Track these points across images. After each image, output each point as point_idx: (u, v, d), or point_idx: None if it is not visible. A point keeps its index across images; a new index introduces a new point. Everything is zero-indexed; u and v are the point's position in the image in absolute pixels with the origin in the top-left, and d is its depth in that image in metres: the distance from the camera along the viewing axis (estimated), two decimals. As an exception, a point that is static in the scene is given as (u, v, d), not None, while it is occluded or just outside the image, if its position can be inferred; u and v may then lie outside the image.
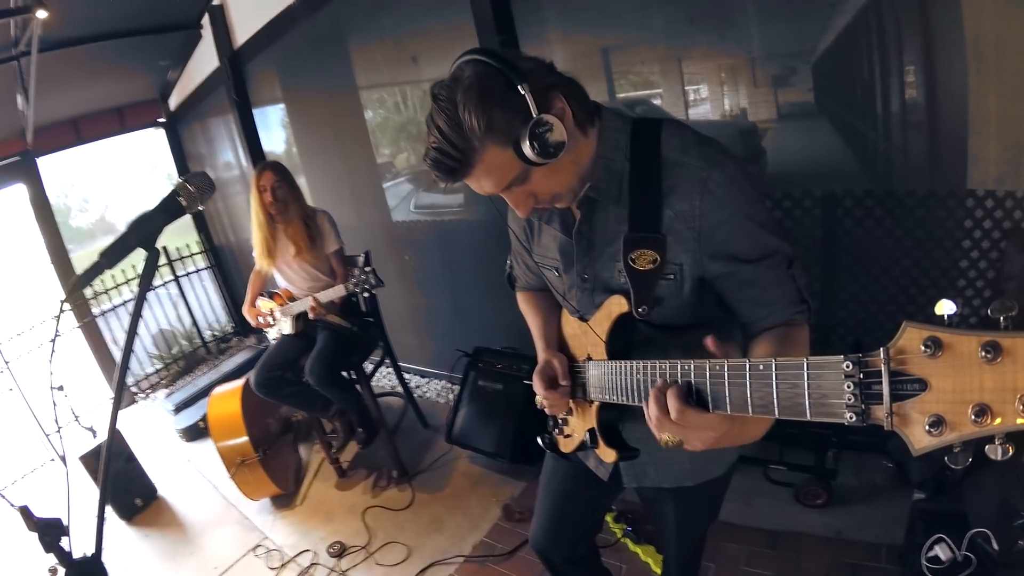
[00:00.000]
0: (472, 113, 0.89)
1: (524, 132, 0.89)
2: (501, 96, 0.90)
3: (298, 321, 3.08)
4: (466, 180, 0.97)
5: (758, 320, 1.05)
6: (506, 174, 0.95)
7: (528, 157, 0.91)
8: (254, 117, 4.80)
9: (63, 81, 4.44)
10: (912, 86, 1.90)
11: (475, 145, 0.91)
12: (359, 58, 3.68)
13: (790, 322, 1.04)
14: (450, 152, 0.92)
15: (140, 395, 5.57)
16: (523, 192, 1.00)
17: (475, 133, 0.90)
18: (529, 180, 0.97)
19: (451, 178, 0.96)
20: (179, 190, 1.09)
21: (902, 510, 1.95)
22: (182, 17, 4.63)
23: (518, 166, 0.94)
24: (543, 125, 0.90)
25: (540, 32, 2.68)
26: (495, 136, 0.91)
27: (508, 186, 0.97)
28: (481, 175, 0.95)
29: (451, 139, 0.91)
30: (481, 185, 0.97)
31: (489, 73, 0.91)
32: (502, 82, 0.91)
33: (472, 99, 0.89)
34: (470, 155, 0.92)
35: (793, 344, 1.01)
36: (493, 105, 0.89)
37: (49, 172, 5.38)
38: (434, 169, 0.95)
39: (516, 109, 0.90)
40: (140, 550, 3.19)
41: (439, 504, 2.94)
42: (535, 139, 0.89)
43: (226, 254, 6.34)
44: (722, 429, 0.87)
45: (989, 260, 1.90)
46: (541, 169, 0.95)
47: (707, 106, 2.41)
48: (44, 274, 5.58)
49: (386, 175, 3.96)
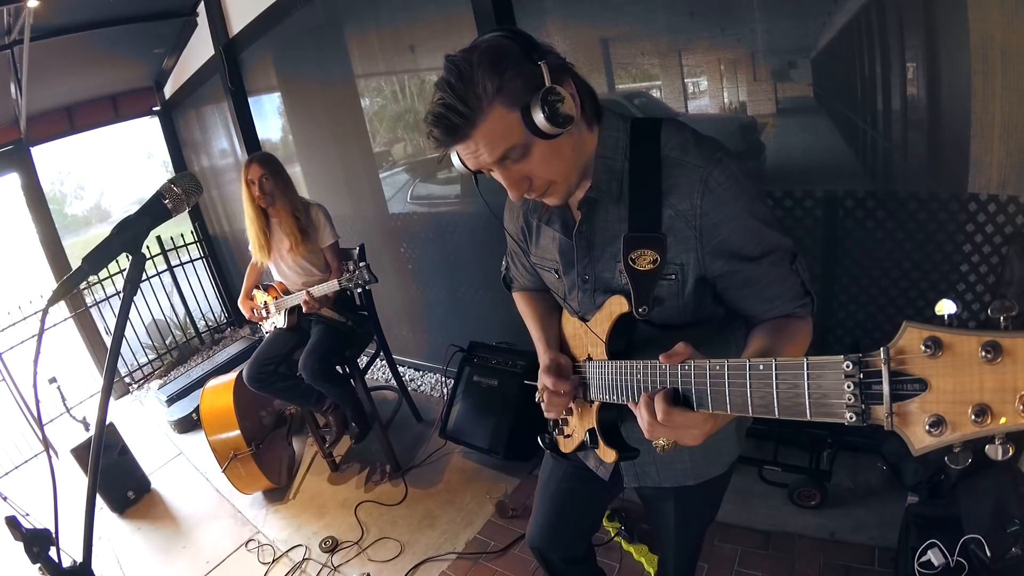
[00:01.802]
0: (485, 71, 0.89)
1: (536, 97, 0.89)
2: (516, 62, 0.90)
3: (292, 315, 3.06)
4: (463, 145, 0.95)
5: (761, 314, 1.06)
6: (507, 140, 0.93)
7: (535, 123, 0.90)
8: (249, 105, 4.76)
9: (56, 69, 4.40)
10: (913, 85, 1.88)
11: (483, 104, 0.90)
12: (356, 46, 3.64)
13: (791, 314, 1.05)
14: (456, 107, 0.90)
15: (133, 386, 5.55)
16: (519, 171, 0.98)
17: (485, 91, 0.89)
18: (529, 156, 0.96)
19: (450, 137, 0.93)
20: (165, 192, 1.06)
21: (896, 512, 1.95)
22: (177, 4, 4.58)
23: (521, 134, 0.92)
24: (555, 94, 0.89)
25: (539, 22, 2.65)
26: (504, 97, 0.90)
27: (504, 157, 0.95)
28: (481, 139, 0.93)
29: (460, 94, 0.89)
30: (478, 152, 0.94)
31: (507, 43, 0.92)
32: (518, 50, 0.92)
33: (487, 60, 0.90)
34: (476, 113, 0.90)
35: (789, 335, 1.02)
36: (507, 68, 0.90)
37: (43, 161, 5.35)
38: (434, 126, 0.93)
39: (529, 77, 0.90)
40: (132, 543, 3.18)
41: (432, 500, 2.93)
42: (546, 104, 0.88)
43: (220, 244, 6.31)
44: (710, 423, 0.90)
45: (990, 265, 1.88)
46: (542, 147, 0.94)
47: (706, 100, 2.39)
48: (37, 263, 5.55)
49: (383, 164, 3.93)
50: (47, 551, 0.95)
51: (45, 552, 0.95)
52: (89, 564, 0.98)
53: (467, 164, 0.99)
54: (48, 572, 0.95)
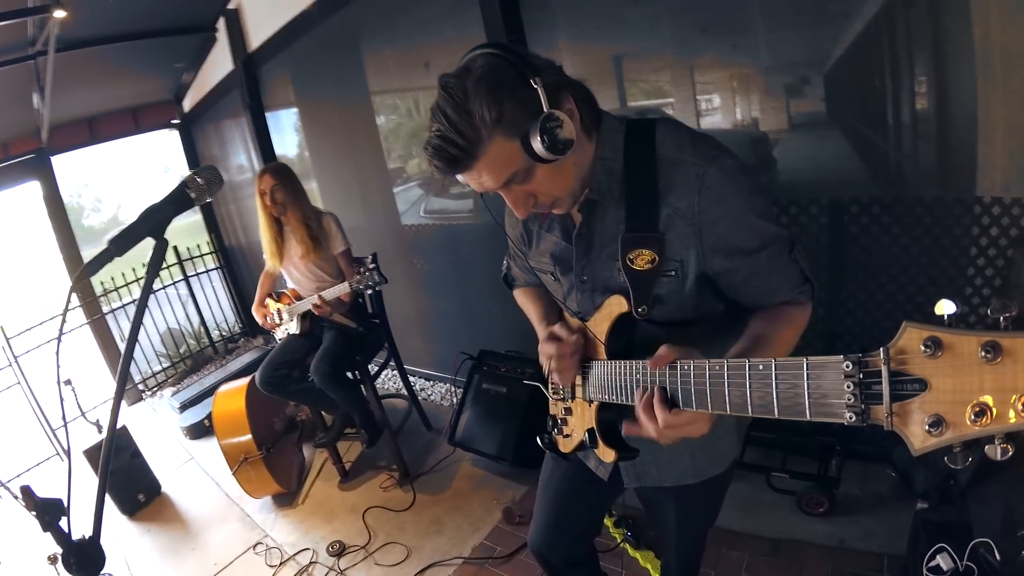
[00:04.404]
0: (483, 102, 0.87)
1: (534, 126, 0.88)
2: (512, 88, 0.89)
3: (304, 320, 3.10)
4: (466, 173, 0.94)
5: (762, 304, 1.08)
6: (509, 168, 0.93)
7: (536, 152, 0.89)
8: (267, 120, 4.85)
9: (79, 81, 4.51)
10: (923, 91, 1.89)
11: (482, 136, 0.89)
12: (372, 63, 3.71)
13: (791, 300, 1.06)
14: (456, 140, 0.89)
15: (147, 393, 5.61)
16: (523, 191, 0.98)
17: (484, 123, 0.88)
18: (532, 179, 0.95)
19: (451, 169, 0.93)
20: (188, 182, 1.10)
21: (905, 520, 1.94)
22: (198, 20, 4.69)
23: (522, 161, 0.92)
24: (554, 120, 0.88)
25: (551, 40, 2.70)
26: (504, 128, 0.89)
27: (508, 182, 0.95)
28: (483, 168, 0.92)
29: (458, 127, 0.88)
30: (481, 180, 0.94)
31: (501, 65, 0.90)
32: (514, 75, 0.89)
33: (483, 89, 0.88)
34: (476, 146, 0.89)
35: (786, 320, 1.04)
36: (504, 96, 0.88)
37: (63, 171, 5.46)
38: (434, 159, 0.92)
39: (527, 103, 0.89)
40: (141, 545, 3.20)
41: (440, 506, 2.94)
42: (545, 133, 0.87)
43: (236, 255, 6.39)
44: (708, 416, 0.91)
45: (996, 268, 1.88)
46: (545, 168, 0.94)
47: (719, 116, 2.40)
48: (55, 271, 5.64)
49: (397, 180, 3.98)
50: (57, 520, 0.97)
51: (56, 521, 0.97)
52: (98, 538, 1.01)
53: (472, 187, 0.98)
54: (57, 541, 0.97)
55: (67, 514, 0.99)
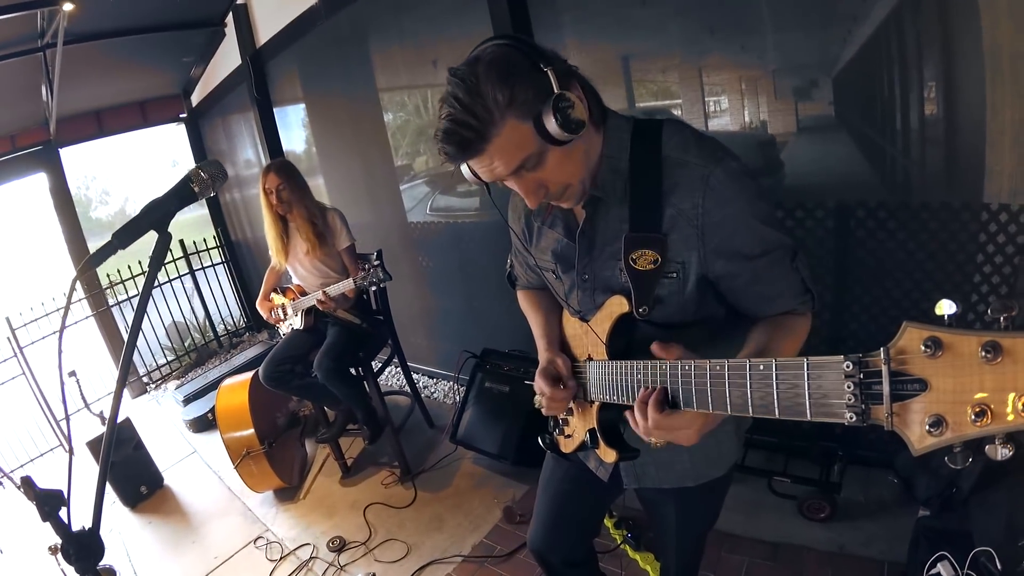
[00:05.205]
0: (495, 85, 0.87)
1: (547, 106, 0.88)
2: (524, 72, 0.89)
3: (308, 316, 3.11)
4: (477, 158, 0.93)
5: (762, 312, 1.07)
6: (521, 152, 0.92)
7: (549, 132, 0.89)
8: (275, 115, 4.85)
9: (87, 73, 4.53)
10: (931, 99, 1.88)
11: (495, 117, 0.88)
12: (379, 60, 3.72)
13: (791, 311, 1.05)
14: (468, 122, 0.88)
15: (151, 386, 5.64)
16: (534, 179, 0.97)
17: (497, 104, 0.88)
18: (543, 165, 0.95)
19: (463, 154, 0.92)
20: (192, 177, 1.11)
21: (907, 527, 1.92)
22: (206, 15, 4.70)
23: (534, 144, 0.91)
24: (565, 100, 0.88)
25: (558, 39, 2.69)
26: (516, 109, 0.89)
27: (519, 168, 0.94)
28: (495, 152, 0.92)
29: (471, 109, 0.88)
30: (493, 165, 0.94)
31: (511, 52, 0.91)
32: (524, 60, 0.90)
33: (494, 72, 0.88)
34: (488, 128, 0.89)
35: (788, 331, 1.03)
36: (516, 79, 0.88)
37: (71, 164, 5.49)
38: (446, 143, 0.91)
39: (538, 85, 0.89)
40: (142, 537, 3.22)
41: (441, 503, 2.94)
42: (558, 112, 0.87)
43: (242, 250, 6.41)
44: (699, 421, 0.92)
45: (1002, 275, 1.87)
46: (556, 153, 0.94)
47: (727, 118, 2.39)
48: (61, 263, 5.66)
49: (404, 177, 3.98)
50: (57, 511, 0.98)
51: (56, 512, 0.98)
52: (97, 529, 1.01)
53: (481, 177, 0.98)
54: (57, 532, 0.98)
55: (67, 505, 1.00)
